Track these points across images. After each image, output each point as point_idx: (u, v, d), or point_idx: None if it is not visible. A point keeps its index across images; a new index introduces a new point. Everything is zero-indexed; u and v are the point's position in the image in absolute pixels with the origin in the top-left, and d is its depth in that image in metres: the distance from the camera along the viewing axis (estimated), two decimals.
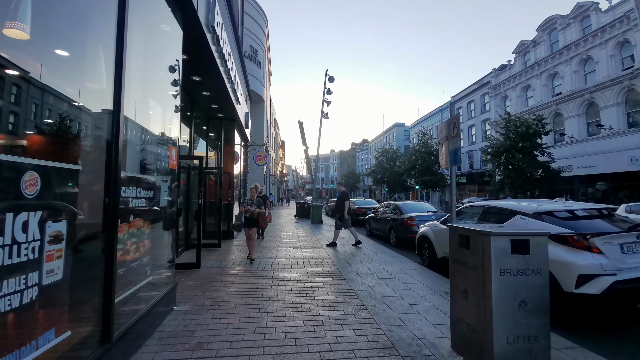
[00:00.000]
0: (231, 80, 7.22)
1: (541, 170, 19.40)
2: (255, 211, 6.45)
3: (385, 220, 10.39)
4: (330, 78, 19.19)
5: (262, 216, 6.70)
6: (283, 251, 7.79)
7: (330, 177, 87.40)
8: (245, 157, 13.60)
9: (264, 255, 7.25)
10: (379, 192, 53.16)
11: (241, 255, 7.21)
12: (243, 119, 11.18)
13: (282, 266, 6.14)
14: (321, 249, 8.18)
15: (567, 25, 22.17)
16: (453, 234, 2.99)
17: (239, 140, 11.95)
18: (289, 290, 4.56)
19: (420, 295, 4.40)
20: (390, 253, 7.72)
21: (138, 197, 2.75)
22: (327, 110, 18.92)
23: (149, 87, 3.20)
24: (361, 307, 3.89)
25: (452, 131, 4.31)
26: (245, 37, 20.52)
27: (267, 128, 27.86)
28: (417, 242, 7.20)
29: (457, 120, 4.17)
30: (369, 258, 7.06)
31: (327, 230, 12.40)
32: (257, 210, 6.48)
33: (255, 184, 6.91)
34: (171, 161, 3.59)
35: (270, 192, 31.01)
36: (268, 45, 29.39)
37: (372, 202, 16.89)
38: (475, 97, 33.10)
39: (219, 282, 4.89)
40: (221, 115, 9.40)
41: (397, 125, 54.86)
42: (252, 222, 6.55)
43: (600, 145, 19.43)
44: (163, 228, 3.57)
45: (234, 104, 8.45)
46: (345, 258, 7.05)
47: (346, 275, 5.52)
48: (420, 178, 30.24)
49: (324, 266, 6.21)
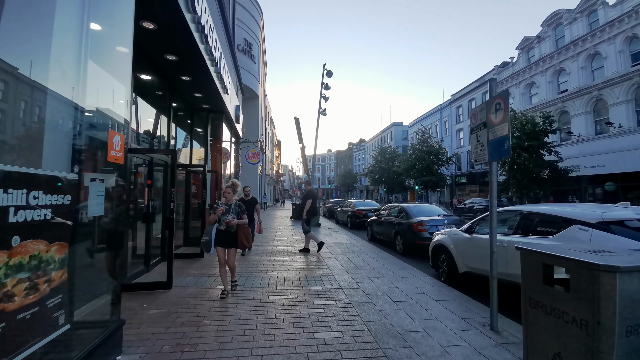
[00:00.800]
0: (215, 63, 6.16)
1: (548, 170, 18.57)
2: (232, 222, 4.30)
3: (390, 225, 9.38)
4: (328, 72, 18.12)
5: (243, 230, 4.42)
6: (276, 262, 6.74)
7: (327, 177, 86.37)
8: (236, 154, 12.52)
9: (253, 268, 6.19)
10: (376, 192, 52.24)
11: None
12: (233, 112, 10.11)
13: (274, 283, 5.09)
14: (320, 259, 7.14)
15: (574, 20, 21.36)
16: (529, 260, 1.98)
17: (229, 136, 10.88)
18: (281, 323, 3.52)
19: (451, 330, 3.38)
20: (398, 264, 6.71)
21: (31, 207, 1.70)
22: (325, 106, 17.87)
23: (70, 33, 2.15)
24: (379, 355, 2.86)
25: (495, 115, 3.30)
26: (238, 30, 19.45)
27: (262, 126, 26.76)
28: (431, 252, 6.19)
29: (503, 101, 3.16)
30: (375, 271, 6.04)
31: (326, 235, 11.36)
32: (235, 221, 4.33)
33: (233, 180, 4.66)
34: (112, 152, 2.53)
35: (265, 192, 29.90)
36: (263, 40, 28.30)
37: (372, 204, 15.89)
38: (476, 95, 32.27)
39: (191, 311, 3.83)
40: (207, 106, 8.32)
41: (395, 124, 53.97)
42: (229, 239, 4.37)
43: (609, 144, 18.60)
44: (98, 248, 2.52)
45: (221, 93, 7.39)
46: (349, 271, 6.02)
47: (352, 296, 4.49)
48: (420, 178, 29.34)
49: (324, 283, 5.17)
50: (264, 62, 31.06)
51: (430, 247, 6.27)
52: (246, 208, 7.19)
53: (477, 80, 32.52)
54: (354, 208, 15.19)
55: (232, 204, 4.51)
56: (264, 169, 30.33)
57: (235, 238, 4.41)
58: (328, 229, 13.42)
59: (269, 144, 36.85)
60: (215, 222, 4.36)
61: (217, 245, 4.37)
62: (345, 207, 16.82)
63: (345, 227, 15.07)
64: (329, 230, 13.13)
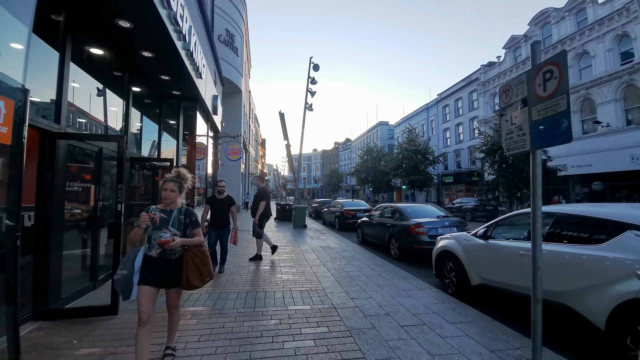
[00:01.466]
0: (183, 37, 5.15)
1: None
2: (172, 244, 2.38)
3: (383, 227, 8.58)
4: (314, 66, 17.21)
5: (193, 256, 2.53)
6: (257, 272, 5.79)
7: (312, 176, 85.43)
8: (215, 150, 11.44)
9: (227, 281, 5.23)
10: (362, 192, 51.72)
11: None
12: (210, 102, 9.06)
13: (252, 302, 4.15)
14: (307, 267, 6.24)
15: (562, 18, 21.28)
16: None
17: (206, 129, 9.82)
18: None
19: None
20: (397, 272, 5.89)
21: None
22: (312, 101, 16.97)
23: None
24: None
25: (543, 87, 2.49)
26: (220, 19, 18.28)
27: (245, 122, 25.59)
28: (435, 259, 5.39)
29: (558, 67, 2.34)
30: (372, 282, 5.19)
31: (313, 238, 10.46)
32: (178, 241, 2.42)
33: (178, 169, 2.70)
34: None
35: (248, 191, 28.70)
36: (247, 33, 27.11)
37: (362, 204, 15.10)
38: (463, 94, 32.12)
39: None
40: (177, 92, 7.26)
41: (381, 124, 53.64)
42: (165, 273, 2.49)
43: (597, 143, 18.53)
44: None
45: (193, 77, 6.36)
46: (341, 282, 5.15)
47: (349, 319, 3.61)
48: (407, 177, 28.86)
49: (313, 300, 4.27)
50: (247, 57, 29.85)
51: (433, 253, 5.47)
52: (220, 209, 5.76)
53: (463, 79, 32.36)
54: (343, 208, 14.34)
55: (173, 210, 2.56)
56: (247, 168, 29.12)
57: (179, 270, 2.48)
58: (315, 231, 12.52)
59: (252, 142, 35.63)
60: (138, 241, 2.46)
61: (142, 283, 2.39)
62: (333, 208, 15.96)
63: (333, 229, 14.21)
64: (315, 232, 12.24)
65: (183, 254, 2.53)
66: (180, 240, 2.42)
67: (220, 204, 5.76)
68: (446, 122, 35.01)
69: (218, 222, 5.76)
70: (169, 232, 2.45)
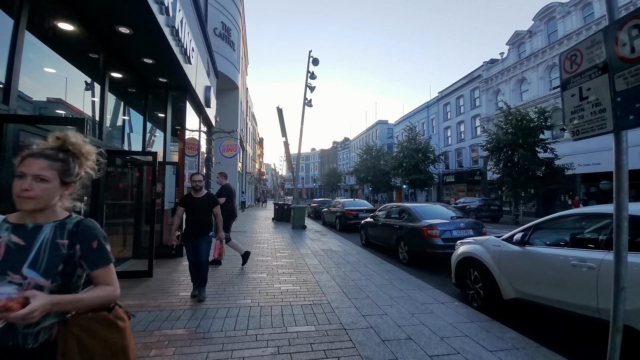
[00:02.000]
0: (165, 9, 4.45)
1: (544, 168, 17.76)
2: (21, 313, 0.89)
3: (390, 228, 7.90)
4: (314, 60, 16.54)
5: (85, 336, 1.06)
6: (252, 281, 5.10)
7: (310, 176, 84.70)
8: (208, 146, 10.72)
9: (218, 293, 4.52)
10: (361, 191, 51.06)
11: (187, 291, 4.46)
12: (202, 93, 8.35)
13: (245, 322, 3.45)
14: (309, 275, 5.55)
15: (567, 13, 20.71)
16: None
17: (198, 122, 9.10)
18: None
19: None
20: (410, 280, 5.22)
21: None
22: (311, 97, 16.29)
23: None
24: None
25: (630, 47, 1.83)
26: (215, 11, 17.57)
27: (242, 120, 24.85)
28: (456, 267, 4.71)
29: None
30: (384, 293, 4.51)
31: (313, 240, 9.77)
32: (37, 306, 0.91)
33: (63, 133, 1.12)
34: None
35: (244, 190, 27.94)
36: (244, 28, 26.38)
37: (364, 204, 14.42)
38: (464, 92, 31.53)
39: None
40: (164, 80, 6.54)
41: (381, 122, 53.00)
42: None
43: (605, 141, 17.83)
44: None
45: (180, 62, 5.65)
46: (348, 294, 4.47)
47: (363, 346, 2.92)
48: (408, 177, 28.22)
49: (317, 319, 3.58)
50: (244, 52, 29.13)
51: (453, 260, 4.79)
52: (197, 212, 4.28)
53: (465, 77, 31.76)
54: (344, 208, 13.66)
55: (42, 225, 1.11)
56: (244, 167, 28.38)
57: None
58: (315, 232, 11.83)
59: (250, 140, 34.87)
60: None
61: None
62: (334, 207, 15.27)
63: (334, 230, 13.53)
64: (316, 233, 11.55)
65: (59, 332, 1.08)
66: (47, 302, 0.96)
67: (197, 204, 4.25)
68: (447, 121, 34.40)
69: (194, 229, 4.22)
70: (18, 283, 1.01)
